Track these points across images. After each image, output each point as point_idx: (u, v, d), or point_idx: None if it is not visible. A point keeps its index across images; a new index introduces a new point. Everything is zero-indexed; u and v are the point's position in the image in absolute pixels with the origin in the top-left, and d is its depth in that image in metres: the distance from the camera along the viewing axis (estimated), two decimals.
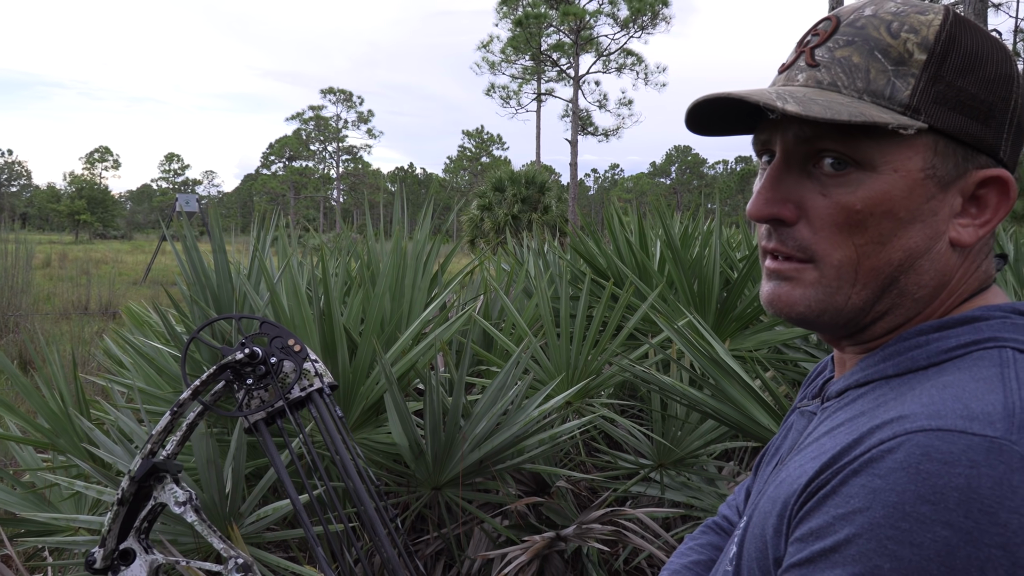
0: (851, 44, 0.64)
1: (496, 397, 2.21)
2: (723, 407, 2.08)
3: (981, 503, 0.48)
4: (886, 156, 0.61)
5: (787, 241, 0.65)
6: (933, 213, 0.63)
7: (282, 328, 1.04)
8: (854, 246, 0.63)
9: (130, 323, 3.03)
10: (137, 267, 22.00)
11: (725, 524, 0.96)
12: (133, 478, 0.99)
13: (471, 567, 2.39)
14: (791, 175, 0.65)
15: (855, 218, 0.62)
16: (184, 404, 1.01)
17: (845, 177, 0.62)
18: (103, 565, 1.01)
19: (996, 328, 0.61)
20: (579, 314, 2.62)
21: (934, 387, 0.57)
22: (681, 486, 2.47)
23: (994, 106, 0.62)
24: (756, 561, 0.63)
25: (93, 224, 61.45)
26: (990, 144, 0.62)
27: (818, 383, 0.79)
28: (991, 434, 0.51)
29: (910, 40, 0.62)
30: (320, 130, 67.21)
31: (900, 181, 0.61)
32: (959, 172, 0.62)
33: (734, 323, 2.91)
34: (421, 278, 2.64)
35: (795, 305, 0.66)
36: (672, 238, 3.00)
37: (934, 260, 0.64)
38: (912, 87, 0.61)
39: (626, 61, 34.97)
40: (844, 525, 0.52)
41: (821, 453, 0.59)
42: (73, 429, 2.30)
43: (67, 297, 11.85)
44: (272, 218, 2.77)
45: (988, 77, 0.62)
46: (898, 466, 0.51)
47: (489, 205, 20.84)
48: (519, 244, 4.18)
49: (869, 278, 0.64)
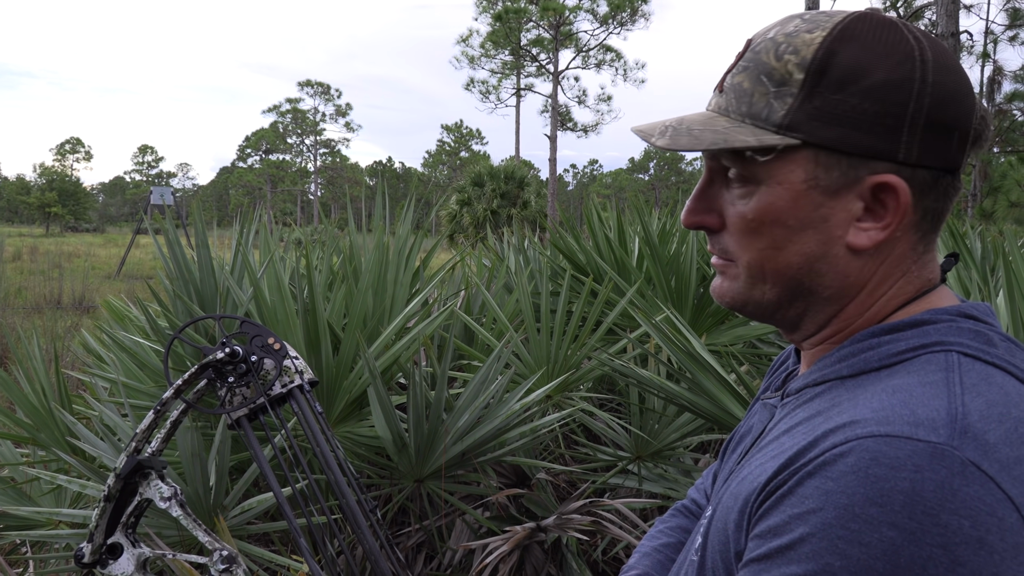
0: (745, 70, 0.68)
1: (478, 391, 2.25)
2: (699, 400, 2.14)
3: (924, 505, 0.52)
4: (770, 171, 0.67)
5: (715, 245, 0.74)
6: (824, 220, 0.66)
7: (262, 327, 1.07)
8: (756, 250, 0.69)
9: (109, 317, 3.02)
10: (111, 261, 21.70)
11: (693, 507, 1.01)
12: (119, 475, 1.01)
13: (452, 558, 2.43)
14: (713, 188, 0.72)
15: (751, 226, 0.68)
16: (167, 403, 1.04)
17: (744, 189, 0.69)
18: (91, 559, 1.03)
19: (943, 332, 0.64)
20: (559, 309, 2.66)
21: (884, 391, 0.61)
22: (658, 478, 2.52)
23: (883, 113, 0.63)
24: (719, 553, 0.67)
25: (64, 217, 60.40)
26: (880, 150, 0.64)
27: (780, 375, 0.84)
28: (935, 440, 0.54)
29: (791, 62, 0.65)
30: (297, 123, 66.58)
31: (784, 193, 0.66)
32: (848, 180, 0.65)
33: (710, 318, 2.97)
34: (403, 273, 2.67)
35: (724, 295, 0.74)
36: (650, 235, 3.05)
37: (832, 263, 0.68)
38: (788, 107, 0.65)
39: (605, 57, 35.05)
40: (799, 524, 0.56)
41: (780, 453, 0.63)
42: (55, 423, 2.30)
43: (39, 291, 11.67)
44: (255, 213, 2.78)
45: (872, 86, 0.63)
46: (849, 470, 0.55)
47: (468, 200, 20.82)
48: (499, 240, 4.21)
49: (776, 278, 0.70)
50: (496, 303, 2.96)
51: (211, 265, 2.39)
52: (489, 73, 36.18)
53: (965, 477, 0.53)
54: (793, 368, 0.81)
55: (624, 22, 33.22)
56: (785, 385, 0.78)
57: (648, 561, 0.94)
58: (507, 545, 2.10)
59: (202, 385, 1.06)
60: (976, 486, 0.53)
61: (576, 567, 2.28)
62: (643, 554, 0.95)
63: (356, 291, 2.33)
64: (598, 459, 2.59)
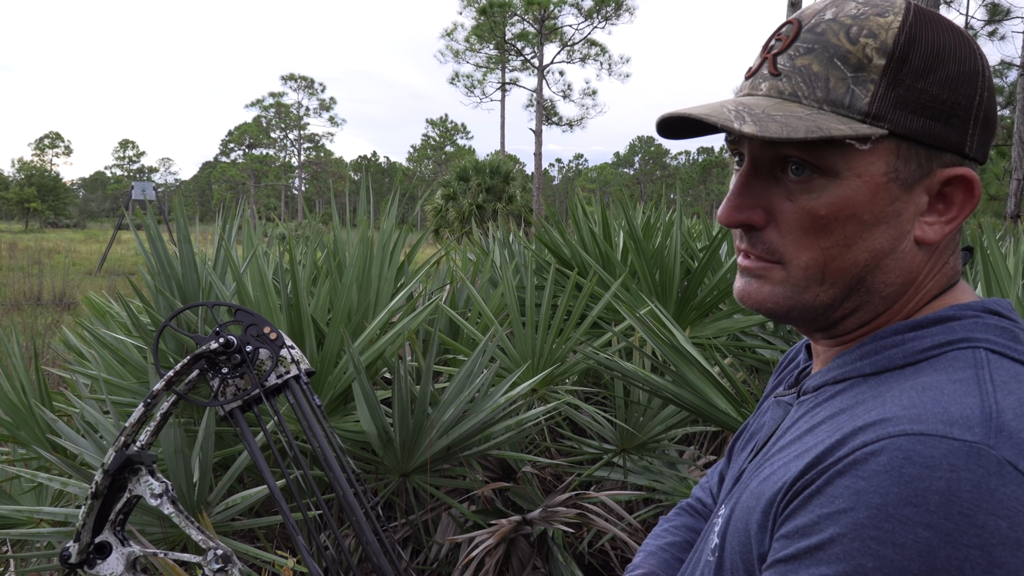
0: (811, 52, 0.64)
1: (463, 385, 2.25)
2: (683, 392, 2.15)
3: (961, 506, 0.50)
4: (849, 163, 0.62)
5: (756, 244, 0.67)
6: (897, 214, 0.64)
7: (257, 315, 1.03)
8: (820, 249, 0.64)
9: (90, 313, 2.99)
10: (91, 257, 21.46)
11: (699, 506, 0.99)
12: (107, 471, 0.98)
13: (439, 552, 2.43)
14: (759, 180, 0.67)
15: (820, 223, 0.63)
16: (158, 395, 1.01)
17: (810, 183, 0.64)
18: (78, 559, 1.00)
19: (969, 328, 0.63)
20: (544, 303, 2.67)
21: (913, 388, 0.59)
22: (643, 470, 2.53)
23: (957, 104, 0.62)
24: (740, 555, 0.65)
25: (44, 212, 59.65)
26: (954, 142, 0.63)
27: (793, 372, 0.81)
28: (970, 439, 0.53)
29: (869, 45, 0.62)
30: (281, 117, 66.08)
31: (863, 186, 0.62)
32: (923, 172, 0.63)
33: (694, 311, 2.98)
34: (388, 268, 2.66)
35: (764, 301, 0.68)
36: (634, 229, 3.06)
37: (900, 259, 0.65)
38: (871, 94, 0.62)
39: (590, 51, 35.08)
40: (829, 524, 0.54)
41: (805, 451, 0.61)
42: (35, 420, 2.27)
43: (18, 288, 11.53)
44: (237, 207, 2.75)
45: (950, 76, 0.62)
46: (882, 469, 0.53)
47: (454, 195, 20.78)
48: (484, 234, 4.21)
49: (836, 278, 0.65)
50: (481, 297, 2.96)
51: (193, 260, 2.37)
52: (474, 67, 36.10)
53: (1002, 477, 0.52)
54: (805, 365, 0.79)
55: (608, 16, 33.24)
56: (800, 382, 0.76)
57: (654, 560, 0.92)
58: (493, 538, 2.10)
59: (193, 376, 1.03)
60: (1013, 486, 0.51)
61: (562, 559, 2.29)
62: (648, 553, 0.94)
63: (340, 286, 2.32)
64: (584, 452, 2.60)
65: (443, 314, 2.76)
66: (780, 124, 0.61)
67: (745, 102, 0.65)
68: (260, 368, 1.02)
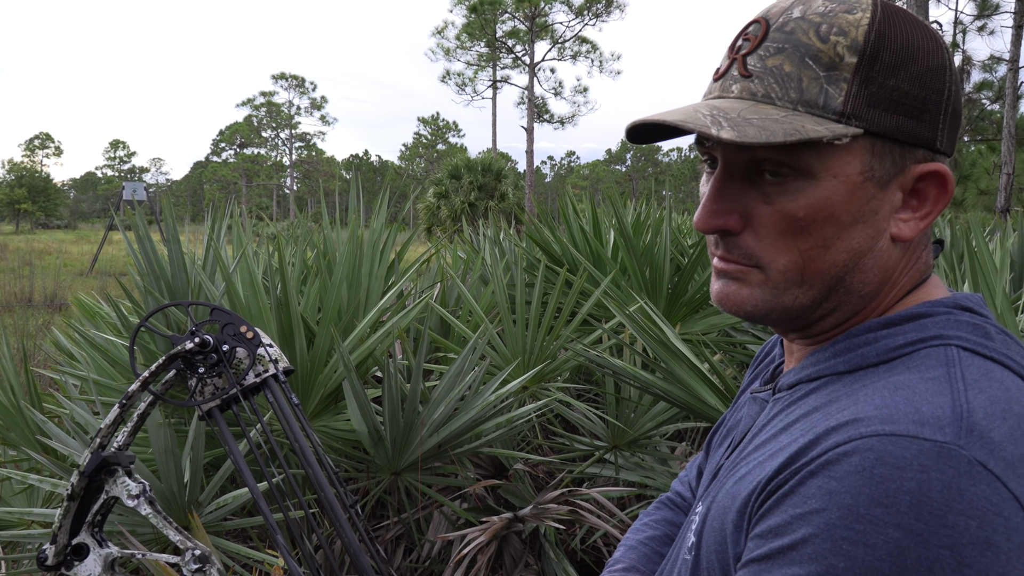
0: (782, 52, 0.63)
1: (453, 383, 2.25)
2: (673, 389, 2.16)
3: (931, 506, 0.51)
4: (825, 163, 0.62)
5: (733, 250, 0.66)
6: (874, 213, 0.64)
7: (234, 315, 1.02)
8: (799, 251, 0.64)
9: (80, 314, 2.98)
10: (83, 258, 21.35)
11: (678, 500, 1.00)
12: (83, 473, 0.97)
13: (431, 550, 2.43)
14: (734, 184, 0.66)
15: (798, 225, 0.63)
16: (133, 396, 1.00)
17: (786, 185, 0.63)
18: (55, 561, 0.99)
19: (941, 325, 0.63)
20: (534, 300, 2.67)
21: (885, 388, 0.59)
22: (635, 466, 2.54)
23: (927, 99, 0.62)
24: (716, 554, 0.65)
25: (35, 213, 59.30)
26: (926, 137, 0.63)
27: (768, 368, 0.81)
28: (941, 439, 0.53)
29: (840, 43, 0.61)
30: (272, 117, 65.87)
31: (840, 187, 0.62)
32: (897, 169, 0.63)
33: (684, 308, 3.00)
34: (378, 266, 2.66)
35: (743, 304, 0.67)
36: (624, 226, 3.06)
37: (877, 257, 0.65)
38: (845, 93, 0.61)
39: (581, 49, 35.07)
40: (802, 525, 0.54)
41: (779, 451, 0.61)
42: (25, 422, 2.27)
43: (9, 289, 11.47)
44: (226, 207, 2.75)
45: (920, 71, 0.62)
46: (853, 469, 0.53)
47: (445, 193, 20.76)
48: (474, 232, 4.21)
49: (815, 279, 0.65)
50: (472, 295, 2.96)
51: (182, 260, 2.36)
52: (465, 65, 36.05)
53: (972, 477, 0.52)
54: (780, 360, 0.79)
55: (599, 13, 33.24)
56: (775, 379, 0.76)
57: (634, 555, 0.92)
58: (484, 536, 2.11)
59: (170, 376, 1.02)
60: (983, 486, 0.52)
61: (554, 556, 2.30)
62: (628, 547, 0.94)
63: (330, 284, 2.32)
64: (575, 449, 2.61)
65: (434, 312, 2.76)
66: (757, 128, 0.60)
67: (718, 106, 0.64)
68: (238, 367, 1.01)
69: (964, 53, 18.78)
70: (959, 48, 18.83)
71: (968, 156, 17.19)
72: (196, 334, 0.99)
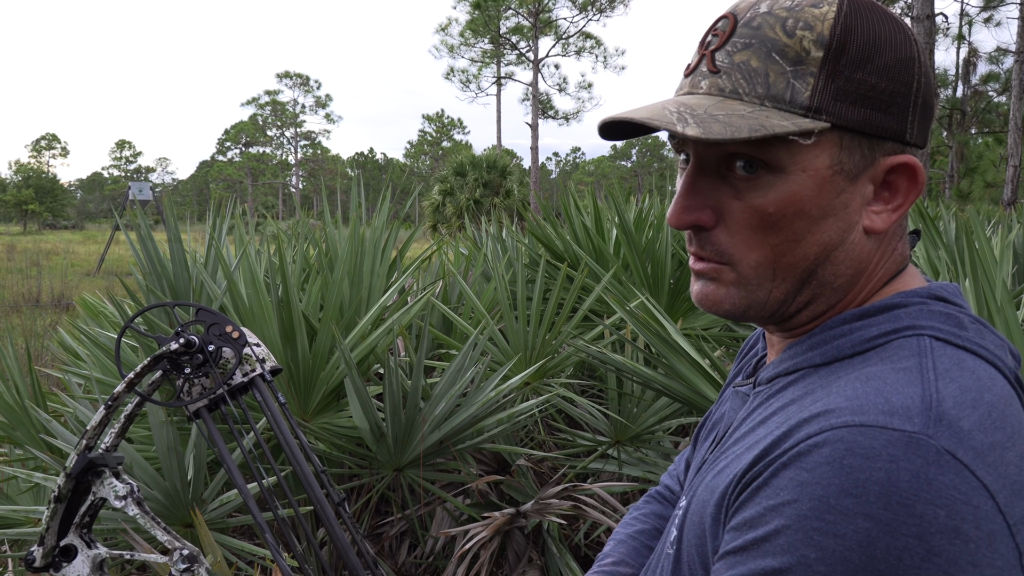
0: (749, 47, 0.63)
1: (454, 379, 2.26)
2: (674, 384, 2.16)
3: (899, 496, 0.51)
4: (794, 158, 0.62)
5: (706, 246, 0.67)
6: (844, 206, 0.64)
7: (219, 314, 1.02)
8: (770, 246, 0.64)
9: (85, 314, 3.00)
10: (90, 258, 21.46)
11: (667, 493, 1.00)
12: (69, 474, 0.97)
13: (435, 545, 2.45)
14: (706, 180, 0.66)
15: (768, 220, 0.63)
16: (119, 397, 0.99)
17: (757, 180, 0.63)
18: (43, 563, 0.98)
19: (914, 315, 0.63)
20: (535, 296, 2.68)
21: (857, 379, 0.59)
22: (638, 461, 2.54)
23: (896, 92, 0.62)
24: (696, 547, 0.66)
25: (42, 214, 59.58)
26: (895, 130, 0.63)
27: (751, 362, 0.82)
28: (910, 429, 0.54)
29: (806, 38, 0.62)
30: (277, 115, 65.99)
31: (809, 180, 0.62)
32: (867, 162, 0.63)
33: (687, 303, 3.00)
34: (380, 264, 2.67)
35: (720, 303, 0.68)
36: (625, 222, 3.06)
37: (849, 250, 0.65)
38: (812, 87, 0.61)
39: (585, 44, 35.01)
40: (774, 516, 0.55)
41: (755, 444, 0.62)
42: (30, 421, 2.28)
43: (17, 290, 11.54)
44: (228, 205, 2.76)
45: (887, 64, 0.62)
46: (824, 460, 0.54)
47: (451, 190, 20.76)
48: (477, 229, 4.22)
49: (787, 273, 0.65)
50: (475, 291, 2.97)
51: (184, 259, 2.38)
52: (469, 62, 36.04)
53: (940, 466, 0.52)
54: (763, 353, 0.79)
55: (603, 8, 33.16)
56: (757, 372, 0.76)
57: (623, 548, 0.93)
58: (486, 531, 2.12)
59: (157, 377, 1.02)
60: (951, 475, 0.52)
61: (557, 551, 2.30)
62: (618, 541, 0.95)
63: (331, 281, 2.33)
64: (578, 444, 2.62)
65: (435, 309, 2.77)
66: (723, 124, 0.61)
67: (686, 102, 0.64)
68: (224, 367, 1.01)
69: (970, 45, 18.67)
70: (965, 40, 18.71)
71: (975, 149, 17.09)
72: (181, 335, 0.99)
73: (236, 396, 1.01)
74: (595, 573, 0.91)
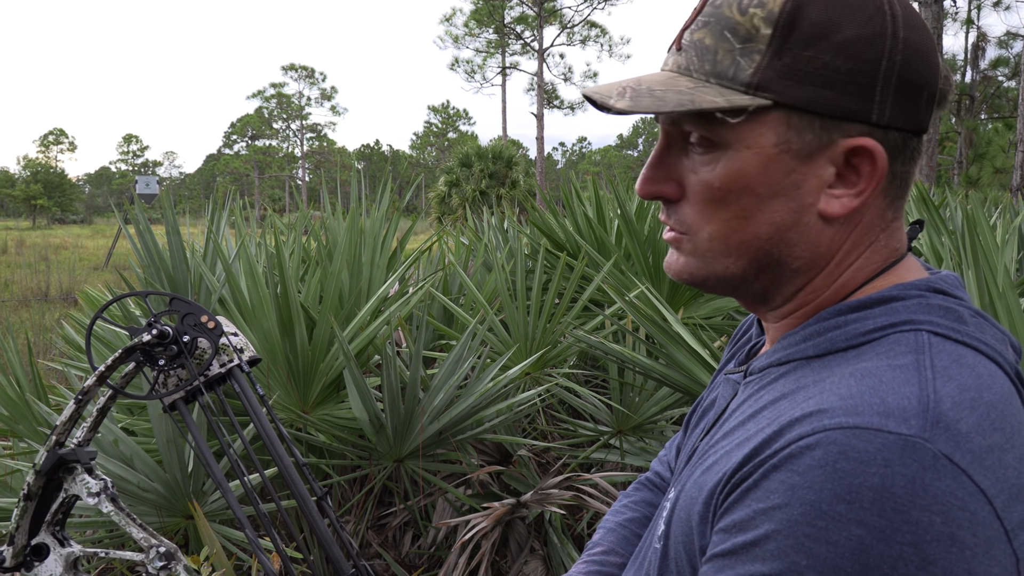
0: (706, 25, 0.64)
1: (453, 369, 2.26)
2: (674, 374, 2.15)
3: (894, 502, 0.50)
4: (738, 134, 0.62)
5: (672, 216, 0.69)
6: (796, 186, 0.62)
7: (194, 304, 0.99)
8: (721, 220, 0.65)
9: (88, 308, 3.01)
10: (98, 252, 21.55)
11: (658, 480, 0.99)
12: (39, 471, 0.94)
13: (436, 536, 2.45)
14: (672, 155, 0.67)
15: (717, 195, 0.64)
16: (89, 391, 0.96)
17: (709, 155, 0.64)
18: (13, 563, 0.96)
19: (912, 309, 0.61)
20: (535, 286, 2.67)
21: (852, 375, 0.58)
22: (640, 451, 2.54)
23: (856, 71, 0.60)
24: (683, 544, 0.65)
25: (50, 209, 59.87)
26: (855, 111, 0.60)
27: (744, 348, 0.80)
28: (905, 432, 0.52)
29: (756, 15, 0.61)
30: (282, 108, 65.98)
31: (754, 158, 0.62)
32: (821, 143, 0.61)
33: (688, 291, 2.98)
34: (379, 255, 2.66)
35: (681, 272, 0.69)
36: (627, 212, 3.05)
37: (804, 232, 0.64)
38: (756, 64, 0.61)
39: (590, 33, 34.83)
40: (764, 520, 0.53)
41: (745, 440, 0.60)
42: (32, 415, 2.30)
43: (26, 284, 11.61)
44: (228, 198, 2.76)
45: (845, 41, 0.60)
46: (816, 464, 0.52)
47: (456, 181, 20.73)
48: (479, 219, 4.21)
49: (741, 250, 0.65)
50: (475, 282, 2.96)
51: (183, 252, 2.38)
52: (474, 52, 35.92)
53: (936, 471, 0.51)
54: (756, 340, 0.78)
55: None
56: (749, 360, 0.75)
57: (613, 537, 0.92)
58: (487, 521, 2.12)
59: (130, 369, 0.99)
60: (948, 480, 0.50)
61: (559, 541, 2.31)
62: (607, 530, 0.94)
63: (330, 273, 2.33)
64: (580, 435, 2.61)
65: (435, 300, 2.76)
66: (654, 99, 0.61)
67: (642, 78, 0.66)
68: (201, 357, 0.98)
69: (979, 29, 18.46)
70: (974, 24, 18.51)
71: (984, 134, 16.94)
72: (153, 325, 0.96)
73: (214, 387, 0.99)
74: (585, 563, 0.91)
